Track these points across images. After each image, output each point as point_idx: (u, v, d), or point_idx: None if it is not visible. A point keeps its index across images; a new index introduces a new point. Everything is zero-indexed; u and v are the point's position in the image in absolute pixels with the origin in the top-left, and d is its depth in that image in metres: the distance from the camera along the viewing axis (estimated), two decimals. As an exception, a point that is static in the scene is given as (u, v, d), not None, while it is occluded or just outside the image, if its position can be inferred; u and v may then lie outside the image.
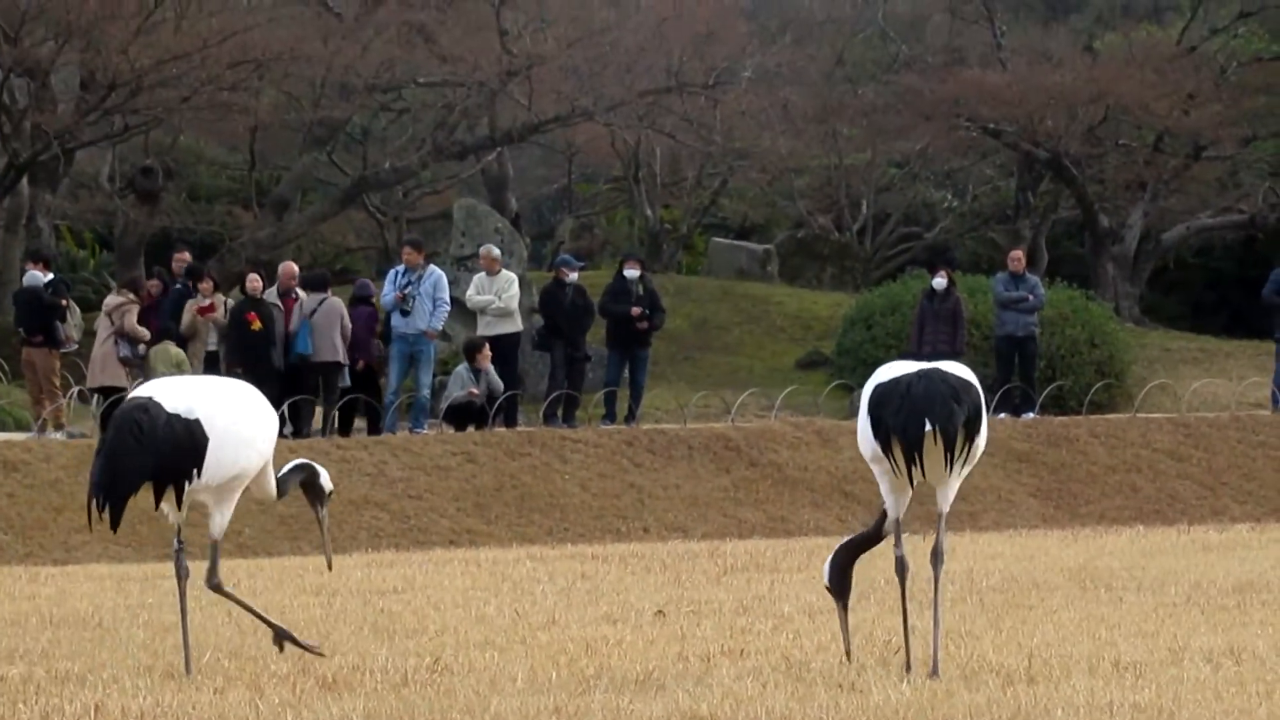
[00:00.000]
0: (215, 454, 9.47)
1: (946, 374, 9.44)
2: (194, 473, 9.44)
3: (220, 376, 10.02)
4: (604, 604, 13.22)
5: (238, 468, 9.62)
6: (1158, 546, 18.53)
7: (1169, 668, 9.47)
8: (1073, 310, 35.91)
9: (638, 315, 27.16)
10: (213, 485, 9.58)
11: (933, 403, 9.25)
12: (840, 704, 8.47)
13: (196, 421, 9.43)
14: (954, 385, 9.35)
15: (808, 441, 25.67)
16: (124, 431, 9.35)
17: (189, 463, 9.41)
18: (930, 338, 28.29)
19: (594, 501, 23.72)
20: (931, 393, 9.28)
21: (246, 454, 9.64)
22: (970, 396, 9.37)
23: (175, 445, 9.37)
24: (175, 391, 9.58)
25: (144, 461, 9.34)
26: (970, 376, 9.53)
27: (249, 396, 9.78)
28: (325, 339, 25.75)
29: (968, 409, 9.30)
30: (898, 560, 9.65)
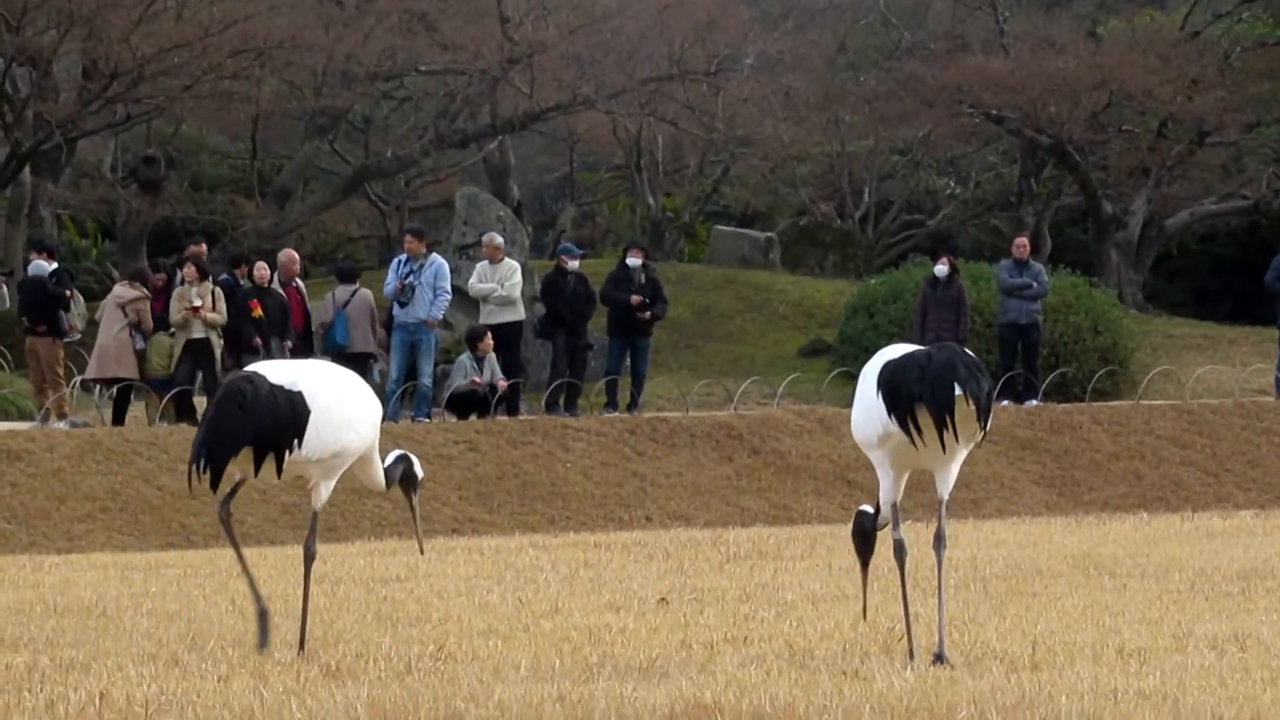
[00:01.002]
0: (316, 428, 9.75)
1: (961, 349, 9.49)
2: (294, 444, 9.72)
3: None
4: (607, 592, 13.23)
5: (339, 445, 9.87)
6: (1161, 533, 18.54)
7: (1173, 654, 9.49)
8: (1076, 297, 35.89)
9: (638, 304, 27.16)
10: (313, 459, 9.84)
11: (958, 369, 9.27)
12: (844, 691, 8.48)
13: (299, 394, 9.74)
14: (972, 358, 9.41)
15: (810, 429, 25.68)
16: (228, 400, 9.69)
17: (289, 433, 9.70)
18: (933, 325, 28.29)
19: (596, 490, 23.74)
20: (955, 360, 9.32)
21: (347, 435, 9.89)
22: (985, 371, 9.43)
23: (276, 415, 9.67)
24: (281, 368, 9.97)
25: (245, 428, 9.63)
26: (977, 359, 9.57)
27: (353, 381, 10.12)
28: (358, 330, 25.92)
29: (987, 381, 9.35)
30: (896, 544, 9.67)
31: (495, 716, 8.00)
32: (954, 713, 7.87)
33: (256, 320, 25.24)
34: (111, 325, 25.14)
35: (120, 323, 25.09)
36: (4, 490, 21.60)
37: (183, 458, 22.47)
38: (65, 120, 38.35)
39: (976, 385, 9.25)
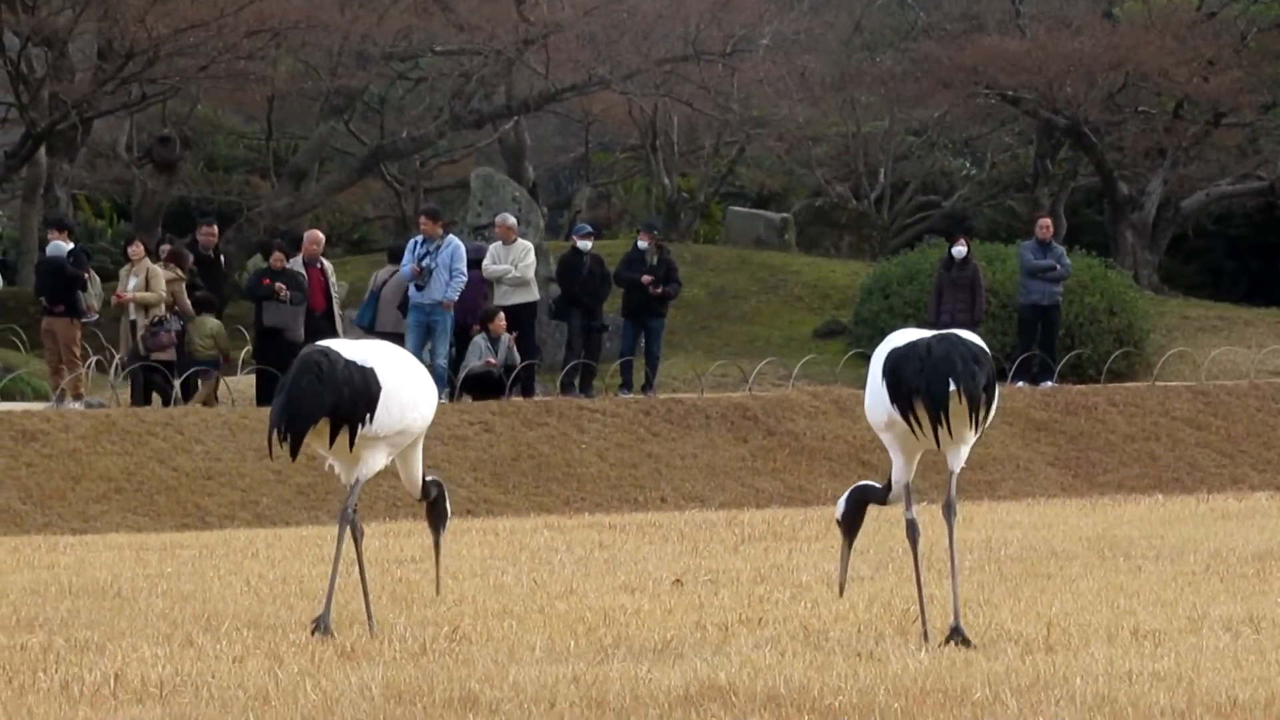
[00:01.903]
0: (386, 405, 9.96)
1: (963, 337, 9.50)
2: (367, 417, 9.93)
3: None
4: (622, 573, 13.24)
5: (404, 423, 10.10)
6: (1176, 515, 18.52)
7: (1188, 636, 9.48)
8: (1091, 278, 35.83)
9: (650, 282, 27.15)
10: (381, 435, 10.04)
11: (954, 363, 9.35)
12: (859, 672, 8.48)
13: (372, 370, 9.96)
14: (972, 348, 9.42)
15: (825, 411, 25.67)
16: (305, 371, 9.89)
17: (363, 407, 9.92)
18: (948, 306, 28.27)
19: (611, 471, 23.74)
20: (952, 354, 9.39)
21: (412, 414, 10.14)
22: (986, 360, 9.44)
23: (352, 388, 9.89)
24: (350, 346, 10.21)
25: (324, 399, 9.84)
26: (982, 344, 9.57)
27: (414, 363, 10.42)
28: (388, 311, 25.97)
29: (987, 371, 9.38)
30: (909, 524, 9.70)
31: (510, 698, 8.00)
32: (968, 694, 7.86)
33: (270, 286, 25.24)
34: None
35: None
36: (20, 471, 21.64)
37: (197, 438, 22.54)
38: (80, 100, 38.37)
39: (972, 380, 9.32)
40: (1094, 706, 7.54)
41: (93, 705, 8.06)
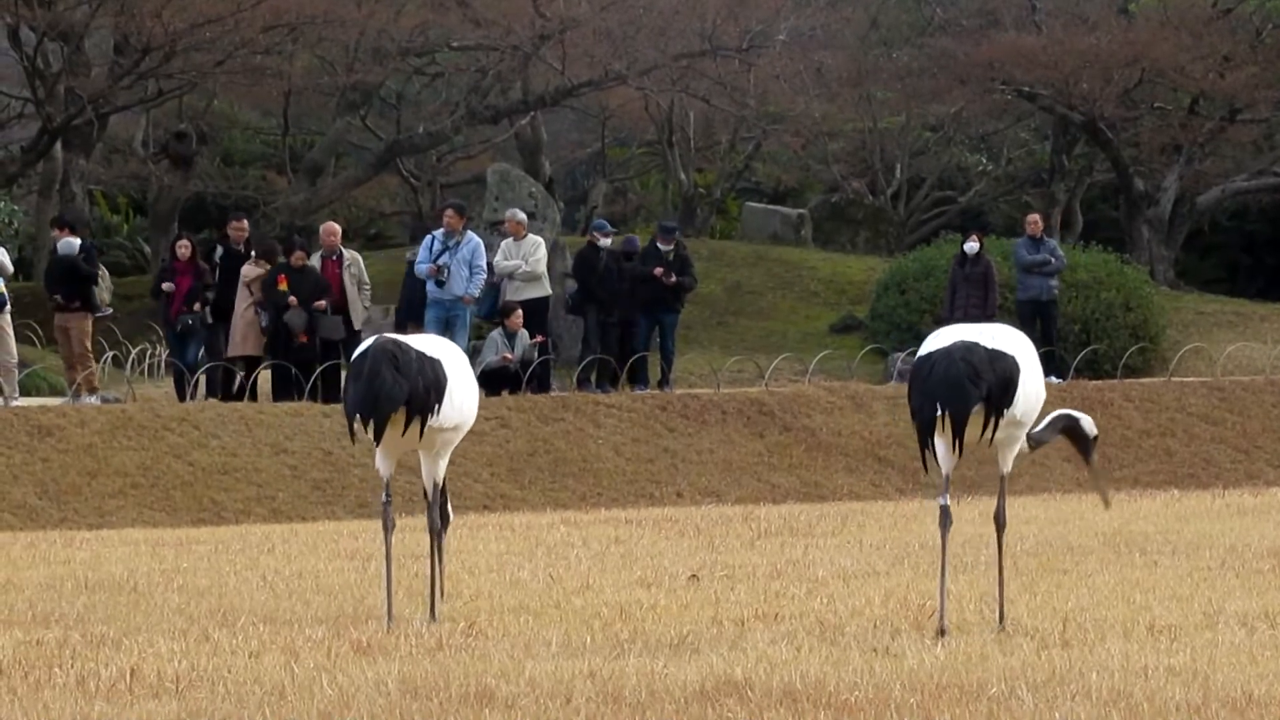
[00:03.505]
0: (451, 396, 10.26)
1: (974, 350, 9.50)
2: (435, 409, 10.19)
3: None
4: (638, 568, 13.24)
5: (462, 416, 10.42)
6: (1192, 511, 18.50)
7: (1204, 631, 9.47)
8: (1107, 274, 35.78)
9: (663, 273, 27.16)
10: (446, 427, 10.31)
11: (945, 386, 9.43)
12: (874, 668, 8.48)
13: (440, 362, 10.27)
14: (975, 364, 9.44)
15: (841, 406, 25.65)
16: (382, 361, 10.13)
17: (434, 396, 10.19)
18: (962, 302, 28.25)
19: (627, 466, 23.74)
20: (948, 375, 9.47)
21: (470, 407, 10.47)
22: (997, 370, 9.43)
23: (425, 377, 10.18)
24: (425, 341, 10.50)
25: (401, 386, 10.09)
26: (1013, 344, 9.57)
27: (466, 360, 10.70)
28: None
29: (987, 387, 9.38)
30: (941, 510, 9.72)
31: (526, 693, 8.00)
32: (984, 689, 7.86)
33: (284, 293, 25.24)
34: (240, 304, 25.33)
35: (246, 301, 25.29)
36: (35, 466, 21.66)
37: (213, 433, 22.55)
38: (97, 95, 38.38)
39: (960, 405, 9.38)
40: (1109, 701, 7.53)
41: (109, 700, 8.07)
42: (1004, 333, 9.73)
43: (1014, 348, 9.61)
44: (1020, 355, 9.61)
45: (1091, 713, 7.34)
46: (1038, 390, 9.75)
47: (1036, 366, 9.77)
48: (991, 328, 9.87)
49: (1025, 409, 9.63)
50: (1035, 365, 9.75)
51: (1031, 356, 9.69)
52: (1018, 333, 9.82)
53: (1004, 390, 9.48)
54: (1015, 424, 9.64)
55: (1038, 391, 9.75)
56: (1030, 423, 9.82)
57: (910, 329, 34.94)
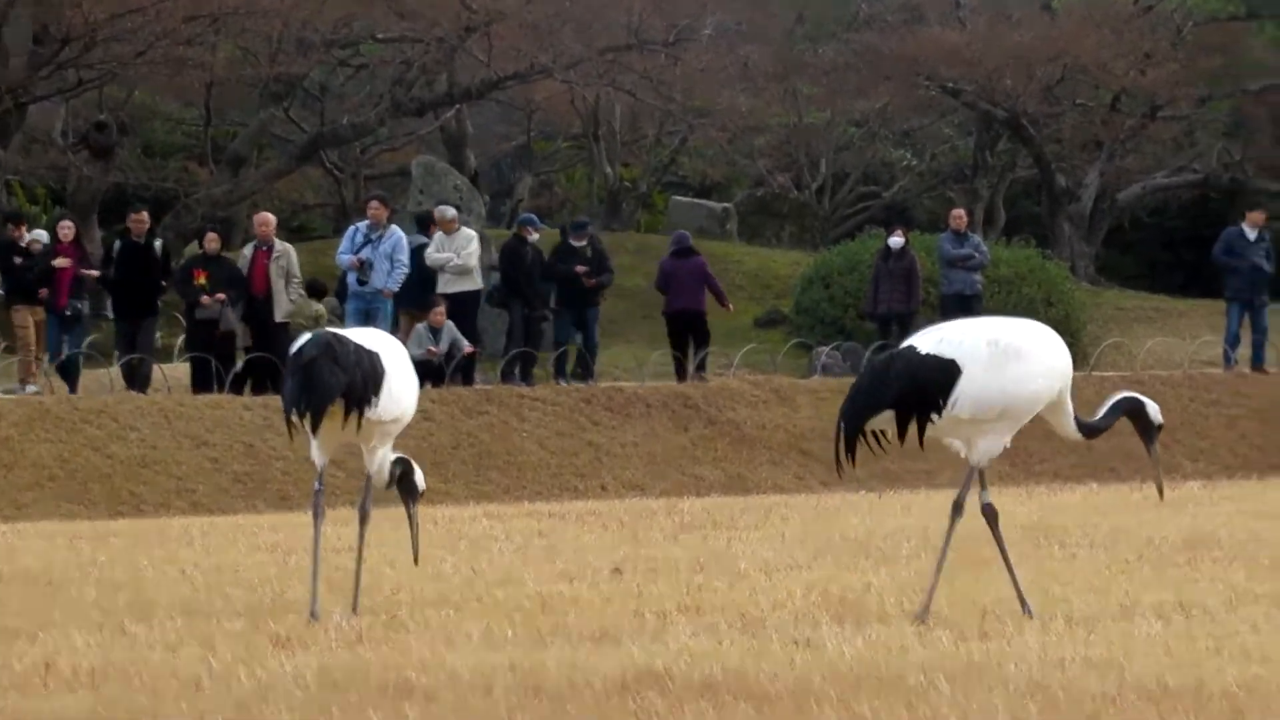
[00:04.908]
0: (389, 389, 10.27)
1: (899, 358, 9.84)
2: (373, 401, 10.20)
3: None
4: (561, 561, 13.23)
5: (401, 408, 10.43)
6: (1110, 503, 18.62)
7: (1120, 622, 9.52)
8: (1029, 269, 35.98)
9: (584, 272, 27.20)
10: (384, 420, 10.32)
11: (849, 399, 9.91)
12: (795, 659, 8.49)
13: (377, 355, 10.28)
14: (887, 376, 9.79)
15: (765, 400, 25.69)
16: (321, 354, 10.14)
17: (371, 389, 10.19)
18: (886, 297, 28.37)
19: (551, 459, 23.72)
20: (854, 388, 9.98)
21: (407, 400, 10.47)
22: (921, 375, 9.63)
23: (363, 370, 10.17)
24: (353, 333, 10.52)
25: (339, 379, 10.10)
26: (971, 346, 9.70)
27: (404, 352, 10.68)
28: None
29: (895, 396, 9.59)
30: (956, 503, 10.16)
31: (446, 685, 7.98)
32: (903, 681, 7.88)
33: (200, 288, 25.12)
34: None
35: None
36: (-47, 458, 21.48)
37: (132, 425, 22.41)
38: (15, 85, 38.05)
39: (851, 421, 9.78)
40: (1026, 693, 7.57)
41: (23, 693, 8.00)
42: (993, 329, 9.94)
43: (965, 351, 9.75)
44: (969, 357, 9.74)
45: (1008, 703, 7.37)
46: (1001, 388, 9.81)
47: (1001, 366, 9.83)
48: (997, 322, 10.13)
49: (976, 410, 9.74)
50: (996, 365, 9.81)
51: (984, 357, 9.77)
52: (1014, 330, 10.00)
53: (920, 398, 9.67)
54: (969, 423, 9.77)
55: (1002, 389, 9.81)
56: (990, 421, 9.88)
57: (834, 323, 35.07)
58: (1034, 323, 10.35)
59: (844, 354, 31.68)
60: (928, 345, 9.85)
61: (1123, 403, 10.41)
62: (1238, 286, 28.41)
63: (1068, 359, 10.18)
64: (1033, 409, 10.05)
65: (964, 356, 9.77)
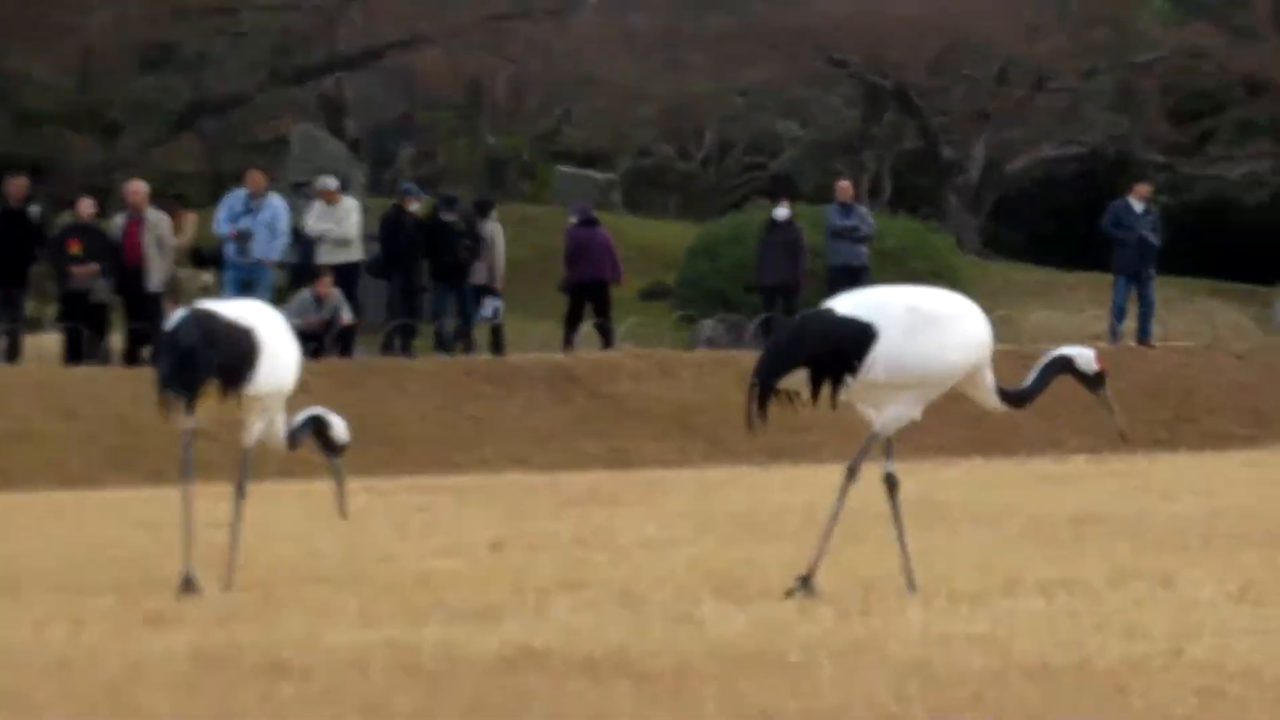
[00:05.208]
0: (265, 363, 10.23)
1: (816, 318, 9.96)
2: (249, 377, 10.18)
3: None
4: (440, 537, 13.20)
5: (279, 383, 10.39)
6: (996, 478, 18.74)
7: (1003, 599, 9.57)
8: (915, 242, 36.15)
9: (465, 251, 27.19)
10: (261, 395, 10.29)
11: (763, 355, 9.96)
12: (677, 636, 8.48)
13: (252, 330, 10.25)
14: (804, 335, 9.72)
15: (649, 373, 25.70)
16: (192, 331, 10.13)
17: (246, 366, 10.16)
18: (771, 269, 28.42)
19: (432, 433, 23.64)
20: (769, 345, 10.17)
21: (283, 375, 10.40)
22: (837, 336, 9.66)
23: (236, 347, 10.14)
24: (227, 306, 10.52)
25: (212, 357, 10.07)
26: (888, 313, 9.73)
27: (284, 324, 10.65)
28: None
29: (810, 355, 9.60)
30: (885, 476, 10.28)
31: (321, 663, 7.92)
32: (785, 658, 7.88)
33: (72, 257, 24.83)
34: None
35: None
36: None
37: (2, 398, 22.12)
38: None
39: (767, 379, 9.77)
40: (909, 670, 7.58)
41: (-115, 672, 7.87)
42: (910, 296, 9.97)
43: (884, 315, 9.77)
44: (888, 321, 9.76)
45: (890, 680, 7.38)
46: (918, 355, 9.83)
47: (919, 333, 9.85)
48: (916, 290, 10.14)
49: (892, 375, 9.77)
50: (914, 331, 9.84)
51: (902, 322, 9.80)
52: (935, 298, 10.02)
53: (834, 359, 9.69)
54: (884, 389, 9.79)
55: (918, 356, 9.83)
56: (905, 389, 9.92)
57: (719, 296, 35.10)
58: (956, 294, 10.38)
59: (728, 327, 31.72)
60: (846, 307, 9.89)
61: (1051, 364, 10.48)
62: (1125, 259, 28.65)
63: (988, 331, 10.23)
64: (949, 379, 10.10)
65: (882, 320, 9.83)
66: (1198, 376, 27.52)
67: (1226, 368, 27.98)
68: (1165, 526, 13.24)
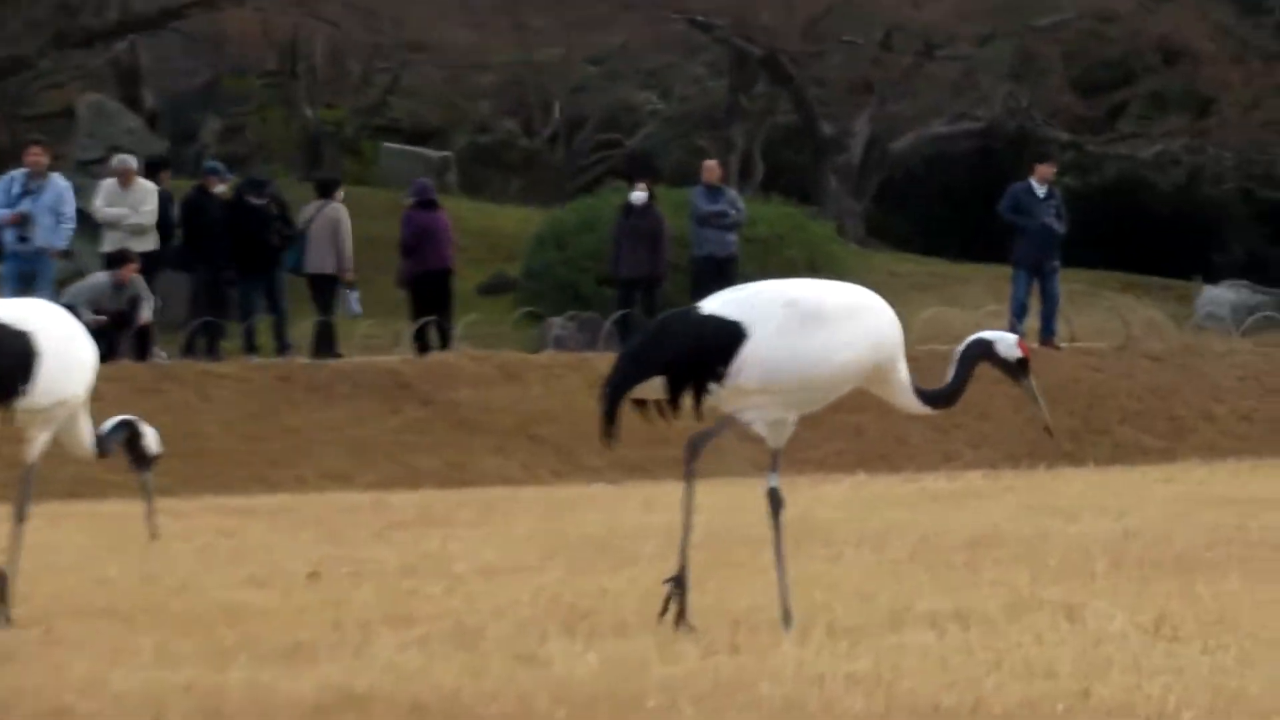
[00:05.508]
0: (46, 371, 10.19)
1: (678, 319, 10.04)
2: (24, 388, 10.16)
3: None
4: (249, 565, 13.18)
5: (61, 393, 10.32)
6: (882, 496, 18.88)
7: (889, 634, 9.63)
8: (790, 229, 36.37)
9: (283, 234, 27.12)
10: (40, 407, 10.28)
11: (617, 361, 10.05)
12: (518, 677, 8.50)
13: (27, 334, 10.19)
14: (662, 338, 9.90)
15: (490, 377, 25.71)
16: None
17: (20, 376, 10.14)
18: (628, 259, 28.49)
19: (241, 446, 23.56)
20: (625, 350, 10.29)
21: (67, 383, 10.36)
22: (697, 338, 9.73)
23: (12, 354, 10.11)
24: (18, 309, 10.45)
25: None
26: (760, 310, 9.76)
27: (73, 325, 10.57)
28: (320, 250, 27.22)
29: (667, 360, 9.67)
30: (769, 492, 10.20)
31: (110, 709, 7.91)
32: (641, 702, 7.90)
33: None
34: None
35: None
36: None
37: None
38: None
39: (611, 389, 9.86)
40: (782, 713, 7.63)
41: None
42: (793, 290, 9.99)
43: (755, 313, 9.81)
44: (759, 319, 9.80)
45: (761, 726, 7.42)
46: (796, 356, 9.84)
47: (798, 332, 9.88)
48: (806, 284, 10.16)
49: (766, 379, 9.79)
50: (792, 330, 9.87)
51: (777, 319, 9.83)
52: (823, 292, 10.04)
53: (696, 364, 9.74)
54: (759, 395, 9.84)
55: (796, 357, 9.84)
56: (786, 393, 9.95)
57: (569, 290, 35.16)
58: (857, 287, 10.41)
59: (580, 325, 31.78)
60: (713, 305, 9.91)
61: (968, 351, 10.53)
62: (1025, 249, 28.93)
63: (893, 326, 10.25)
64: (840, 382, 10.12)
65: (752, 318, 9.84)
66: (1108, 382, 27.84)
67: (1140, 371, 28.33)
68: (1070, 550, 13.38)
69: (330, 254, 27.55)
